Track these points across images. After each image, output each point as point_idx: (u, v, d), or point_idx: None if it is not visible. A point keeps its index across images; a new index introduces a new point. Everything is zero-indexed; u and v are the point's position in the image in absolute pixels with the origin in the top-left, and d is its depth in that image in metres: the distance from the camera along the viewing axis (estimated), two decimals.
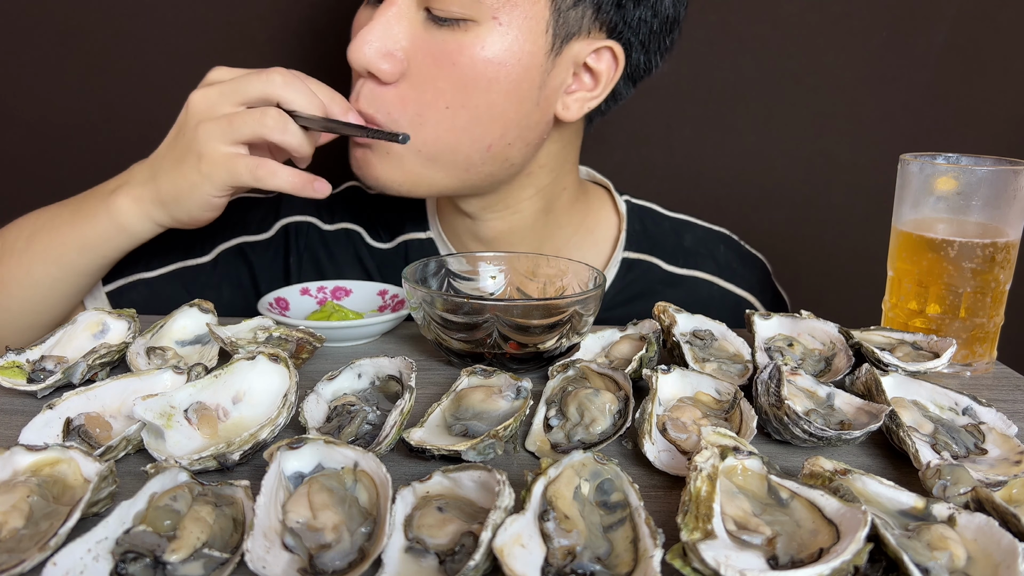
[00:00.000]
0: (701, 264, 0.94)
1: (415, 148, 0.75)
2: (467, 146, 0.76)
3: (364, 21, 0.75)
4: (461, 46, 0.72)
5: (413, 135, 0.73)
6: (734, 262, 0.95)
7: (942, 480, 0.45)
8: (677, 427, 0.53)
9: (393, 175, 0.77)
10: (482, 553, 0.37)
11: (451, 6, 0.70)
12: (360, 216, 0.95)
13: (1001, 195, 0.66)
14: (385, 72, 0.72)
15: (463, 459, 0.49)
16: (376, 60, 0.71)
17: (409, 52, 0.72)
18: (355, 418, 0.53)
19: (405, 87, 0.73)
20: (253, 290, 0.90)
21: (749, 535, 0.40)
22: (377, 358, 0.58)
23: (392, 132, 0.68)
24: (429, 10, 0.71)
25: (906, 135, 1.17)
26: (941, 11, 1.12)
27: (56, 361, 0.61)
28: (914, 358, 0.64)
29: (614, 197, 0.96)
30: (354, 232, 0.94)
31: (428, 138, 0.75)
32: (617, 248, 0.92)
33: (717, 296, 0.93)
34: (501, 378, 0.58)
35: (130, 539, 0.39)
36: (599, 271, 0.67)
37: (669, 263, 0.93)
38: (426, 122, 0.74)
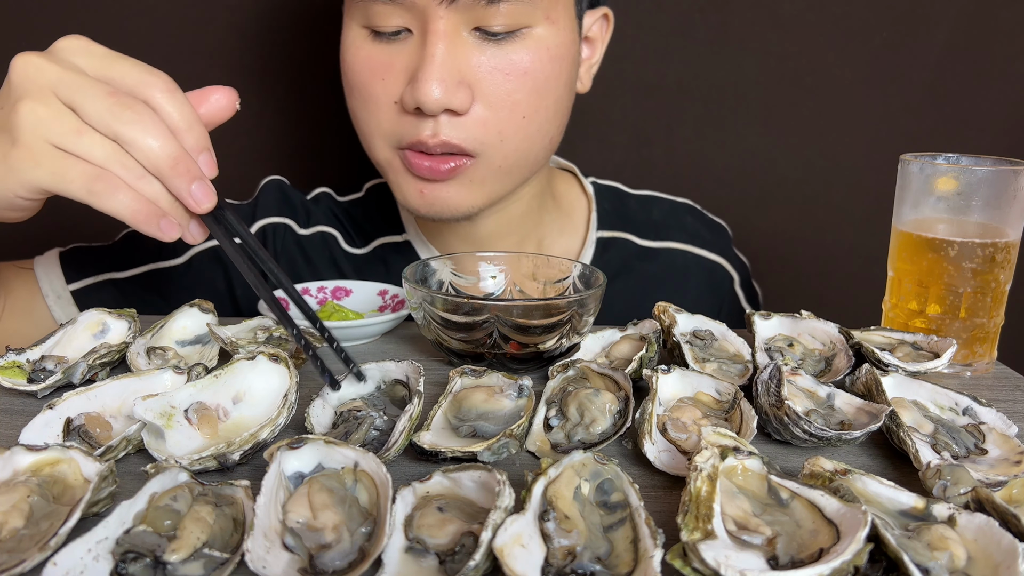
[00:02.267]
0: (672, 235, 0.96)
1: (496, 165, 0.75)
2: (538, 148, 0.77)
3: (381, 59, 0.72)
4: (528, 54, 0.72)
5: (494, 153, 0.74)
6: (702, 230, 0.98)
7: (942, 480, 0.45)
8: (677, 427, 0.53)
9: (476, 200, 0.77)
10: (482, 553, 0.37)
11: (506, 19, 0.70)
12: (334, 220, 0.94)
13: (1001, 195, 0.66)
14: (462, 103, 0.71)
15: (479, 460, 0.49)
16: (450, 97, 0.69)
17: (475, 76, 0.71)
18: (362, 424, 0.52)
19: (481, 110, 0.72)
20: (228, 294, 0.89)
21: (749, 535, 0.40)
22: (383, 362, 0.58)
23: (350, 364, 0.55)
24: (481, 29, 0.70)
25: (906, 135, 1.17)
26: (941, 11, 1.12)
27: (56, 361, 0.61)
28: (914, 358, 0.64)
29: (580, 179, 0.98)
30: (330, 236, 0.93)
31: (508, 152, 0.75)
32: (590, 229, 0.94)
33: (692, 264, 0.95)
34: (494, 377, 0.58)
35: (130, 539, 0.39)
36: (599, 271, 0.67)
37: (642, 238, 0.95)
38: (506, 138, 0.74)
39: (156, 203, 0.52)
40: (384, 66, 0.72)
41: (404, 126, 0.73)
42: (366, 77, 0.74)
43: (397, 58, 0.72)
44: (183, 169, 0.52)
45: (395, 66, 0.72)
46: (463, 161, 0.74)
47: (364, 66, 0.74)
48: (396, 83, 0.72)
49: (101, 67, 0.53)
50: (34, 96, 0.51)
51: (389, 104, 0.73)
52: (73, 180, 0.51)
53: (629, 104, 1.17)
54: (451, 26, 0.69)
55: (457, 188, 0.76)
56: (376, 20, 0.71)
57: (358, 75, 0.74)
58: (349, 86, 0.77)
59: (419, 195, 0.76)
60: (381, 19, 0.71)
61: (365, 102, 0.75)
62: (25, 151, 0.52)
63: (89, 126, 0.51)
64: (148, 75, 0.53)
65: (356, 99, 0.76)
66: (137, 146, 0.51)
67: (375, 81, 0.73)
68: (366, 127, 0.77)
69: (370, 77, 0.73)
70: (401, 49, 0.72)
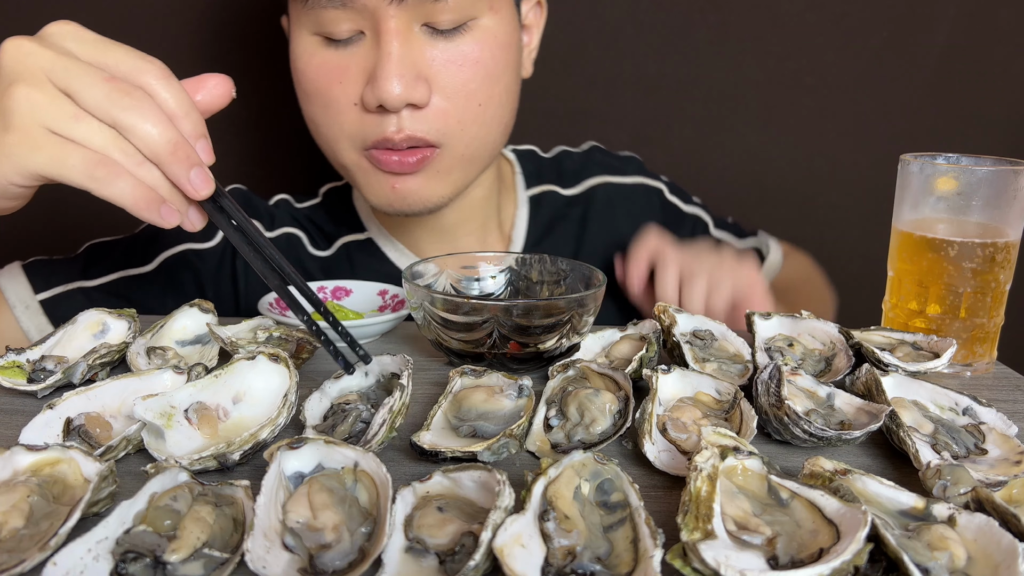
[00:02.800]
0: (588, 174, 1.00)
1: (458, 154, 0.78)
2: (496, 133, 0.80)
3: (337, 63, 0.74)
4: (477, 45, 0.75)
5: (456, 142, 0.77)
6: (612, 160, 1.02)
7: (942, 480, 0.45)
8: (677, 427, 0.53)
9: (445, 190, 0.80)
10: (482, 553, 0.37)
11: (453, 13, 0.72)
12: (297, 224, 0.95)
13: (1001, 195, 0.66)
14: (422, 96, 0.73)
15: (479, 460, 0.49)
16: (410, 92, 0.72)
17: (430, 70, 0.74)
18: (348, 416, 0.53)
19: (440, 101, 0.75)
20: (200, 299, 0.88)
21: (749, 535, 0.40)
22: (380, 356, 0.59)
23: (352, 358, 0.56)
24: (430, 24, 0.73)
25: (906, 135, 1.17)
26: (941, 11, 1.13)
27: (56, 361, 0.61)
28: (914, 358, 0.64)
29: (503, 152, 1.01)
30: (295, 237, 0.94)
31: (469, 139, 0.78)
32: (518, 190, 0.98)
33: (614, 192, 0.99)
34: (494, 377, 0.58)
35: (130, 539, 0.39)
36: (599, 271, 0.67)
37: (565, 188, 0.99)
38: (467, 126, 0.77)
39: (156, 190, 0.51)
40: (340, 70, 0.74)
41: (368, 126, 0.75)
42: (324, 83, 0.75)
43: (352, 61, 0.74)
44: (182, 155, 0.50)
45: (351, 69, 0.74)
46: (429, 152, 0.76)
47: (320, 72, 0.75)
48: (354, 85, 0.74)
49: (94, 53, 0.51)
50: (28, 81, 0.50)
51: (349, 106, 0.75)
52: (74, 166, 0.50)
53: (629, 104, 1.17)
54: (403, 24, 0.72)
55: (426, 179, 0.78)
56: (328, 26, 0.73)
57: (315, 82, 0.76)
58: (306, 93, 0.78)
59: (391, 190, 0.78)
60: (333, 25, 0.73)
61: (325, 107, 0.76)
62: (22, 136, 0.50)
63: (86, 112, 0.50)
64: (142, 61, 0.51)
65: (315, 105, 0.77)
66: (136, 132, 0.50)
67: (333, 85, 0.75)
68: (328, 132, 0.78)
69: (328, 82, 0.75)
70: (355, 52, 0.74)
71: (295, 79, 0.79)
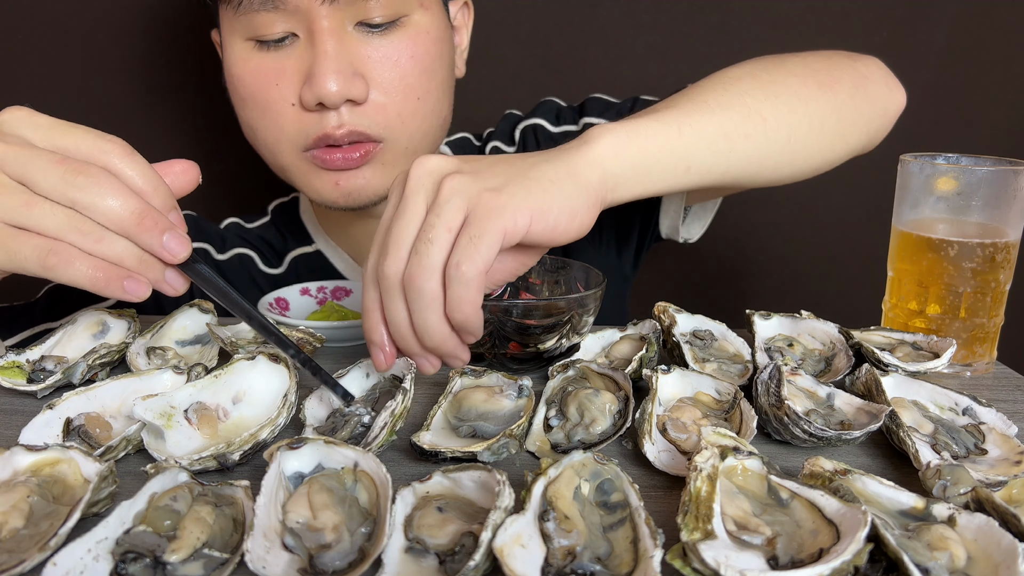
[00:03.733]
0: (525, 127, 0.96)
1: (403, 146, 0.78)
2: (436, 127, 0.81)
3: (272, 66, 0.74)
4: (411, 40, 0.76)
5: (399, 135, 0.77)
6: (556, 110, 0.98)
7: (942, 480, 0.45)
8: (677, 427, 0.53)
9: (388, 182, 0.79)
10: (482, 553, 0.37)
11: (384, 11, 0.73)
12: (248, 243, 0.95)
13: (1001, 195, 0.66)
14: (360, 92, 0.74)
15: (479, 460, 0.49)
16: (348, 88, 0.72)
17: (367, 67, 0.74)
18: (349, 421, 0.53)
19: (378, 96, 0.75)
20: None
21: (749, 535, 0.40)
22: None
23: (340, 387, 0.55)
24: (363, 23, 0.74)
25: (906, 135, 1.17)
26: (941, 11, 1.12)
27: (56, 361, 0.61)
28: (914, 358, 0.64)
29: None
30: (246, 257, 0.94)
31: (411, 132, 0.78)
32: None
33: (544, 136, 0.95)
34: (494, 377, 0.58)
35: (130, 539, 0.39)
36: (599, 271, 0.67)
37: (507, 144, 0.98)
38: (406, 119, 0.77)
39: (121, 263, 0.50)
40: (276, 72, 0.75)
41: (308, 124, 0.75)
42: (260, 86, 0.75)
43: (287, 63, 0.74)
44: (150, 223, 0.50)
45: (287, 70, 0.74)
46: (372, 147, 0.77)
47: (256, 76, 0.75)
48: (291, 86, 0.74)
49: (51, 137, 0.50)
50: None
51: (287, 107, 0.75)
52: (27, 257, 0.49)
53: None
54: (336, 23, 0.73)
55: (371, 172, 0.78)
56: (260, 30, 0.73)
57: (251, 86, 0.76)
58: (242, 99, 0.78)
59: (334, 187, 0.78)
60: (265, 28, 0.73)
61: (263, 111, 0.76)
62: None
63: (41, 197, 0.49)
64: (103, 141, 0.51)
65: (252, 110, 0.77)
66: (96, 208, 0.49)
67: (269, 88, 0.75)
68: (267, 135, 0.78)
69: (264, 85, 0.75)
70: (290, 54, 0.74)
71: (230, 87, 0.79)
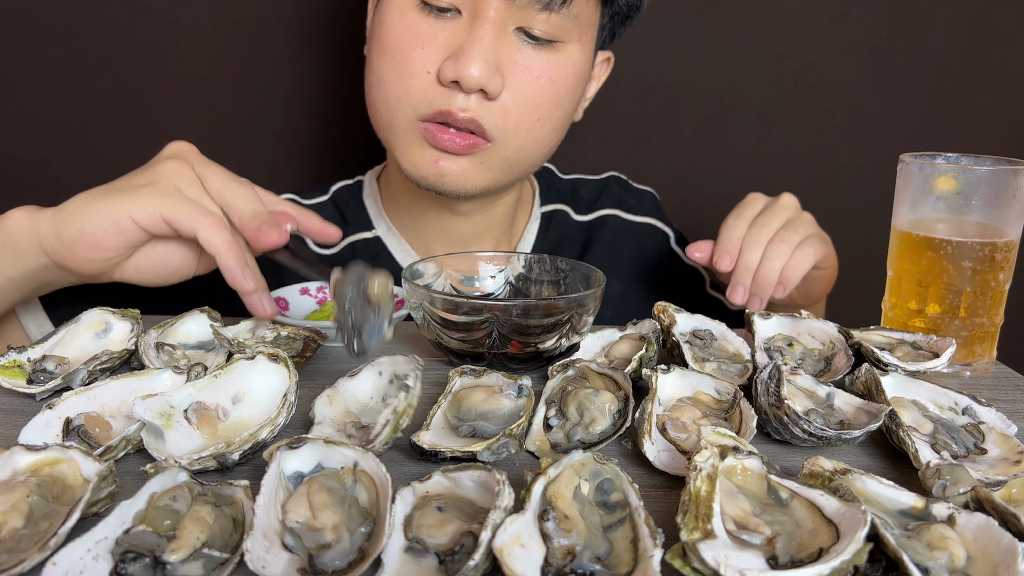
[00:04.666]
0: (601, 205, 1.02)
1: (504, 155, 0.80)
2: (540, 152, 0.83)
3: (425, 30, 0.75)
4: (557, 65, 0.78)
5: (507, 143, 0.79)
6: (627, 197, 1.04)
7: (942, 480, 0.45)
8: (677, 427, 0.53)
9: (480, 182, 0.81)
10: (482, 553, 0.37)
11: (548, 28, 0.75)
12: None
13: (1001, 195, 0.66)
14: (496, 88, 0.75)
15: (479, 460, 0.49)
16: (488, 79, 0.74)
17: (509, 69, 0.76)
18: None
19: (507, 99, 0.77)
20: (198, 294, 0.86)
21: (749, 535, 0.40)
22: (394, 356, 0.59)
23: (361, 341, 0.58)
24: (524, 30, 0.75)
25: (906, 135, 1.17)
26: (941, 11, 1.13)
27: (57, 362, 0.61)
28: (914, 358, 0.64)
29: None
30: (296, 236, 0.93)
31: (518, 145, 0.80)
32: (535, 206, 1.00)
33: (623, 228, 1.02)
34: (494, 377, 0.58)
35: (130, 539, 0.39)
36: (599, 271, 0.67)
37: (577, 213, 1.01)
38: (520, 132, 0.79)
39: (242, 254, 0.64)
40: (426, 36, 0.76)
41: (435, 96, 0.76)
42: (406, 43, 0.76)
43: (441, 33, 0.75)
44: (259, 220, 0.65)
45: (438, 39, 0.75)
46: (482, 142, 0.78)
47: (407, 33, 0.76)
48: (435, 55, 0.75)
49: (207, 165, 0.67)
50: (176, 161, 0.65)
51: (423, 73, 0.76)
52: (189, 214, 0.62)
53: (629, 104, 1.17)
54: (501, 18, 0.74)
55: (468, 164, 0.79)
56: None
57: (398, 40, 0.77)
58: (382, 48, 0.79)
59: (433, 164, 0.79)
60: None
61: (398, 67, 0.77)
62: (159, 188, 0.63)
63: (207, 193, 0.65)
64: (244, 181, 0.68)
65: (387, 62, 0.78)
66: (234, 206, 0.65)
67: (414, 49, 0.76)
68: (392, 91, 0.79)
69: (411, 44, 0.76)
70: (446, 26, 0.75)
71: (374, 32, 0.80)
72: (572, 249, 0.99)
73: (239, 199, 0.65)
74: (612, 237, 1.01)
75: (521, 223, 0.98)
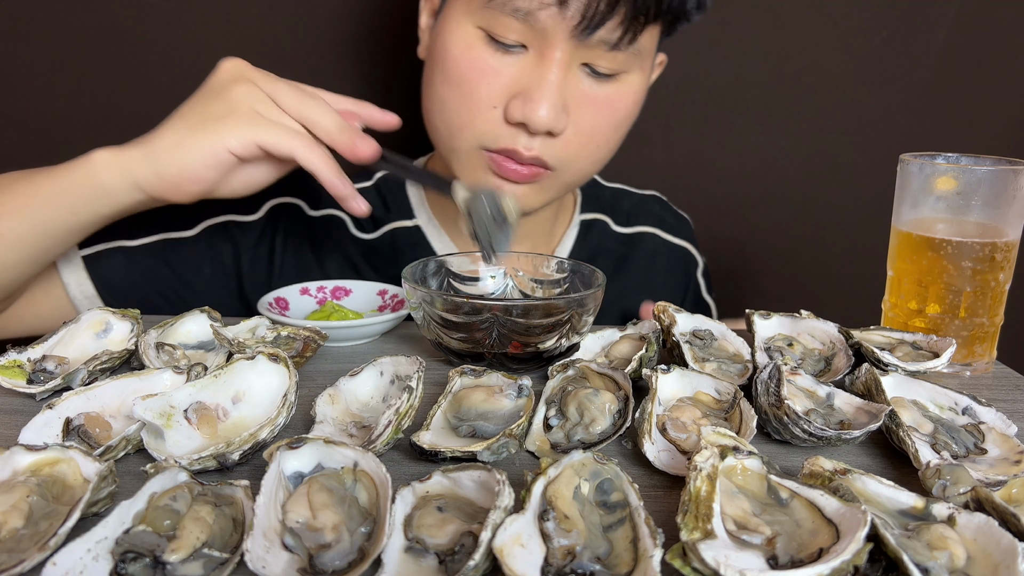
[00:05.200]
0: (642, 221, 1.04)
1: (563, 180, 0.82)
2: (596, 170, 0.85)
3: (492, 64, 0.75)
4: (620, 95, 0.79)
5: (565, 169, 0.80)
6: (669, 218, 1.07)
7: (942, 480, 0.45)
8: (677, 427, 0.53)
9: (536, 203, 0.83)
10: (482, 553, 0.37)
11: (613, 64, 0.76)
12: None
13: (1001, 195, 0.66)
14: (562, 128, 0.76)
15: (479, 460, 0.49)
16: (556, 121, 0.75)
17: (573, 104, 0.77)
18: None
19: (570, 133, 0.78)
20: (235, 270, 0.90)
21: (749, 535, 0.40)
22: (396, 356, 0.59)
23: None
24: (589, 66, 0.76)
25: (906, 135, 1.17)
26: (941, 11, 1.13)
27: (57, 362, 0.61)
28: (914, 358, 0.64)
29: None
30: (338, 219, 0.94)
31: (577, 169, 0.82)
32: (575, 213, 1.01)
33: (661, 247, 1.04)
34: (494, 377, 0.58)
35: (130, 539, 0.39)
36: (599, 271, 0.67)
37: (617, 224, 1.02)
38: (580, 159, 0.81)
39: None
40: (493, 72, 0.76)
41: (500, 132, 0.77)
42: (473, 76, 0.77)
43: (508, 69, 0.75)
44: (348, 132, 0.68)
45: (504, 75, 0.76)
46: (543, 171, 0.79)
47: (474, 66, 0.76)
48: (501, 91, 0.76)
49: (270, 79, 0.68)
50: (243, 83, 0.66)
51: (488, 108, 0.77)
52: (282, 136, 0.66)
53: None
54: (567, 57, 0.74)
55: (527, 190, 0.81)
56: (497, 29, 0.74)
57: (465, 72, 0.77)
58: (448, 78, 0.79)
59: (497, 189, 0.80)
60: (502, 29, 0.74)
61: (464, 98, 0.78)
62: (242, 116, 0.66)
63: (283, 109, 0.67)
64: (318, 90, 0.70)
65: (452, 91, 0.79)
66: (315, 122, 0.67)
67: (482, 83, 0.76)
68: (457, 119, 0.79)
69: (478, 77, 0.76)
70: (513, 62, 0.75)
71: (437, 56, 0.80)
72: (608, 260, 0.99)
73: (318, 115, 0.67)
74: (649, 254, 1.02)
75: (561, 228, 0.99)
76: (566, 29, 0.72)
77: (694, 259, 1.06)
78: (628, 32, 0.73)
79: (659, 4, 0.72)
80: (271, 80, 0.68)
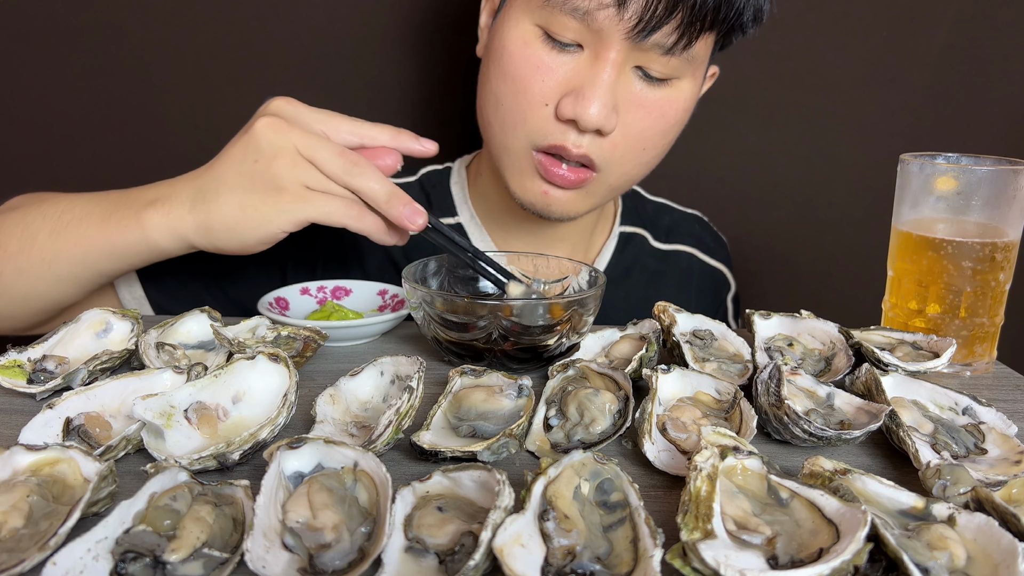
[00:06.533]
0: (681, 239, 1.04)
1: (608, 183, 0.82)
2: (640, 176, 0.86)
3: (547, 62, 0.76)
4: (670, 100, 0.79)
5: (611, 171, 0.80)
6: (707, 238, 1.07)
7: (942, 480, 0.45)
8: (677, 427, 0.53)
9: (582, 208, 0.84)
10: (482, 553, 0.37)
11: (666, 68, 0.76)
12: None
13: (1001, 195, 0.66)
14: (611, 127, 0.76)
15: (479, 460, 0.49)
16: (606, 120, 0.75)
17: (623, 106, 0.77)
18: None
19: (617, 134, 0.78)
20: (278, 270, 0.91)
21: (749, 535, 0.40)
22: (396, 356, 0.59)
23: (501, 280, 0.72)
24: (642, 68, 0.76)
25: (906, 135, 1.17)
26: (941, 11, 1.12)
27: (57, 362, 0.61)
28: (914, 358, 0.64)
29: None
30: None
31: (622, 173, 0.82)
32: (616, 224, 1.01)
33: (697, 267, 1.04)
34: (494, 376, 0.58)
35: (130, 539, 0.39)
36: (599, 271, 0.67)
37: (656, 240, 1.03)
38: (626, 162, 0.81)
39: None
40: (548, 69, 0.76)
41: (551, 129, 0.77)
42: (528, 73, 0.77)
43: (562, 68, 0.76)
44: (396, 201, 0.67)
45: (558, 73, 0.76)
46: (590, 174, 0.79)
47: (529, 63, 0.77)
48: (555, 89, 0.76)
49: (321, 124, 0.68)
50: (285, 155, 0.66)
51: (540, 105, 0.77)
52: (335, 211, 0.66)
53: None
54: (622, 58, 0.74)
55: (574, 195, 0.81)
56: (553, 27, 0.75)
57: (520, 69, 0.78)
58: (504, 74, 0.79)
59: (542, 195, 0.81)
60: (559, 28, 0.75)
61: (517, 95, 0.78)
62: (292, 195, 0.66)
63: (329, 177, 0.67)
64: (359, 127, 0.69)
65: (508, 89, 0.79)
66: (364, 191, 0.67)
67: (536, 80, 0.77)
68: (509, 117, 0.80)
69: (532, 74, 0.77)
70: (568, 60, 0.76)
71: (494, 53, 0.80)
72: (643, 275, 1.00)
73: (365, 184, 0.67)
74: (685, 274, 1.02)
75: (600, 238, 0.99)
76: (623, 30, 0.72)
77: (727, 283, 1.06)
78: (684, 37, 0.73)
79: (716, 12, 0.73)
80: (313, 148, 0.66)
